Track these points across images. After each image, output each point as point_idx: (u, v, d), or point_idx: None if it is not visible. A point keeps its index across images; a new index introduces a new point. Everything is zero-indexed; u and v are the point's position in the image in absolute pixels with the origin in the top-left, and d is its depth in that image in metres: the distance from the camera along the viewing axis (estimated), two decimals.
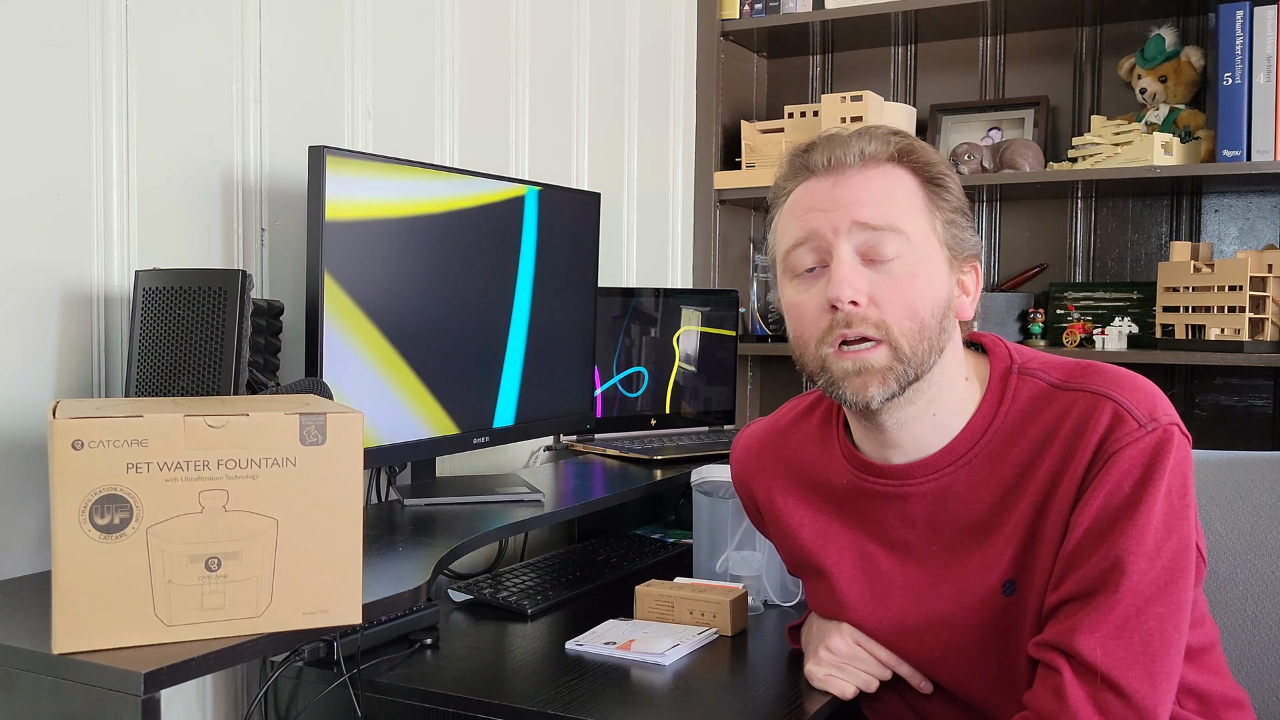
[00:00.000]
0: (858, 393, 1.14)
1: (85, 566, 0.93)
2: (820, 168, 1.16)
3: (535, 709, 1.23)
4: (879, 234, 1.12)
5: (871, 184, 1.14)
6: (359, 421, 1.02)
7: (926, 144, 1.21)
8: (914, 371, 1.13)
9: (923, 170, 1.17)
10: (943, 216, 1.16)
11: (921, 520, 1.20)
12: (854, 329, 1.12)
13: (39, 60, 1.30)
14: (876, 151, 1.16)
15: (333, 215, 1.43)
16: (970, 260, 1.19)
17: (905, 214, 1.14)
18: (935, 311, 1.14)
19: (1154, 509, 1.08)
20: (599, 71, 2.36)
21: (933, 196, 1.16)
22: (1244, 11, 2.17)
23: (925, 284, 1.13)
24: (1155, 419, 1.10)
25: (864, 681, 1.25)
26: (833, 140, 1.17)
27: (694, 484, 1.71)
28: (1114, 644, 1.05)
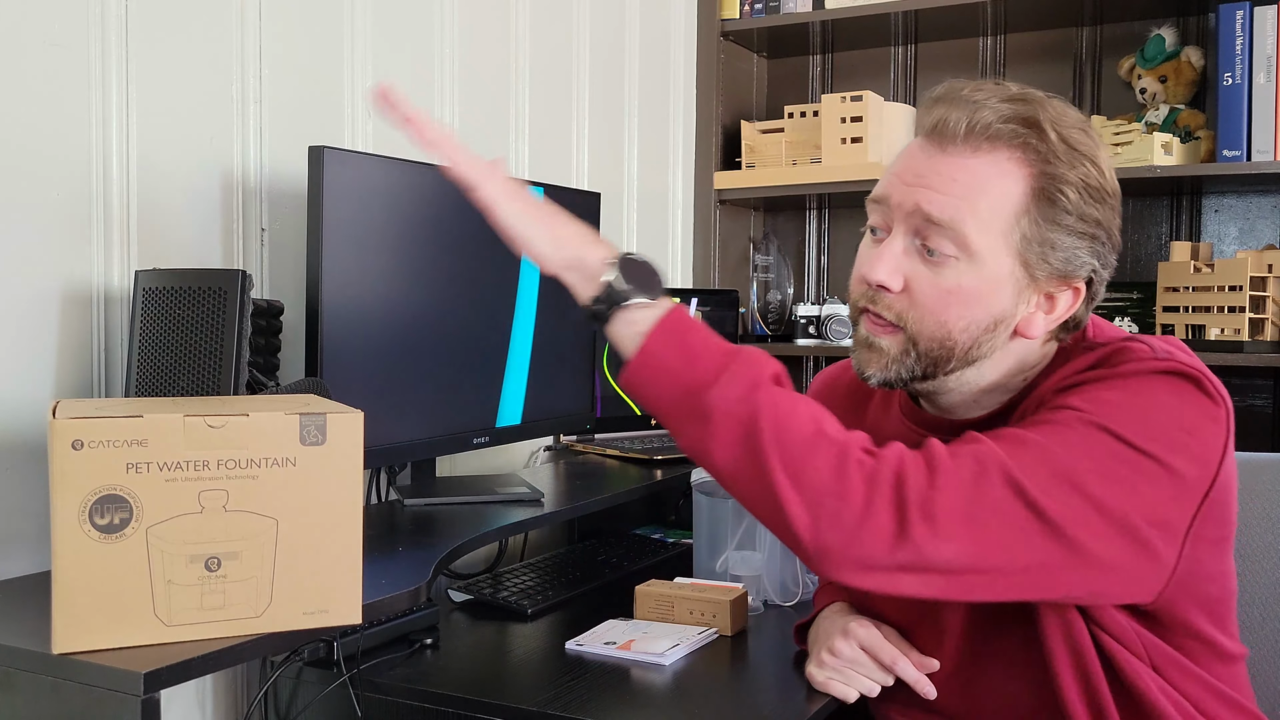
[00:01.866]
0: (860, 364, 1.13)
1: (85, 566, 0.93)
2: (929, 129, 1.09)
3: (535, 709, 1.23)
4: (940, 232, 1.05)
5: (961, 173, 1.05)
6: (359, 421, 1.02)
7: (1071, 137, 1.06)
8: (923, 371, 1.10)
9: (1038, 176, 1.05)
10: (1033, 231, 1.05)
11: None
12: (878, 308, 1.10)
13: (39, 60, 1.30)
14: (990, 131, 1.05)
15: (332, 215, 1.43)
16: (1068, 280, 1.08)
17: (981, 218, 1.05)
18: (970, 327, 1.07)
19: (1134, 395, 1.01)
20: (599, 71, 2.36)
21: (1032, 206, 1.05)
22: (1244, 11, 2.17)
23: (968, 298, 1.06)
24: (1170, 354, 1.05)
25: (866, 686, 1.25)
26: (958, 99, 1.07)
27: (694, 484, 1.71)
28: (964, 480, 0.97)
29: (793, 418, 0.98)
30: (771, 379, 1.00)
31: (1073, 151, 1.07)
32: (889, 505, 0.95)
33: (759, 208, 2.89)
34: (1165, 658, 1.11)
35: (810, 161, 2.59)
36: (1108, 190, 1.09)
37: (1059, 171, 1.06)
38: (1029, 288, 1.08)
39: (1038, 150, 1.06)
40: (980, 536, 0.96)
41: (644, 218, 2.55)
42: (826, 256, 2.88)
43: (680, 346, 1.01)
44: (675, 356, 1.01)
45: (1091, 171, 1.08)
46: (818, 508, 0.95)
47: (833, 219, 2.87)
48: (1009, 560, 0.97)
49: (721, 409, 0.98)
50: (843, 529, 0.95)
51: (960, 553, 0.95)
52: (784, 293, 2.82)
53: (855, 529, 0.95)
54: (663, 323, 1.02)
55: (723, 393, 0.98)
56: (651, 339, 1.02)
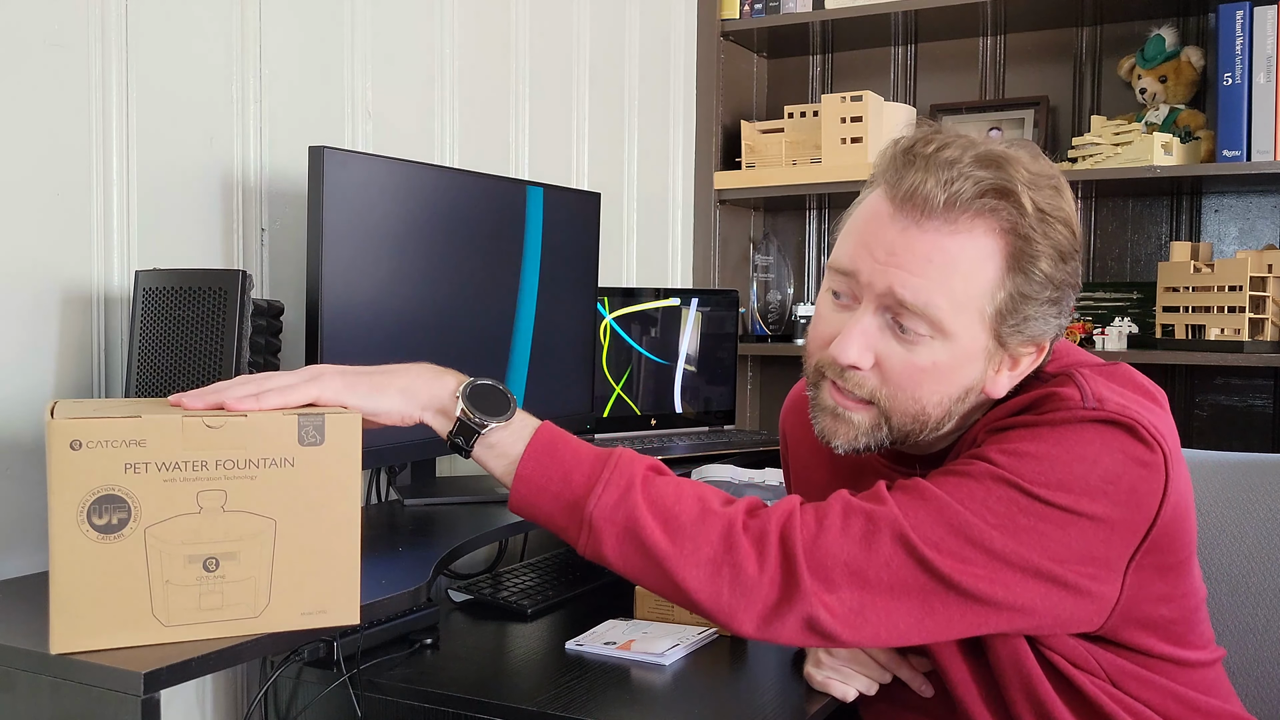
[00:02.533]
0: (825, 432, 1.12)
1: (83, 567, 0.93)
2: (900, 196, 1.04)
3: (535, 709, 1.23)
4: (912, 317, 1.04)
5: (936, 253, 1.02)
6: (357, 422, 1.02)
7: (1043, 202, 1.03)
8: (892, 440, 1.10)
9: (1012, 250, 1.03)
10: (1006, 304, 1.04)
11: None
12: (846, 384, 1.08)
13: (39, 60, 1.30)
14: (967, 205, 1.02)
15: (332, 215, 1.43)
16: (1034, 343, 1.08)
17: (955, 298, 1.03)
18: (943, 400, 1.07)
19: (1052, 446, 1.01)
20: (599, 71, 2.36)
21: (1006, 279, 1.04)
22: (1244, 11, 2.17)
23: (941, 373, 1.05)
24: (1101, 402, 1.03)
25: (864, 685, 1.25)
26: (932, 162, 1.03)
27: None
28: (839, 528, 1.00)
29: (677, 504, 1.02)
30: (645, 476, 1.04)
31: (1046, 219, 1.04)
32: (776, 559, 0.99)
33: (759, 208, 2.89)
34: (1121, 671, 1.12)
35: (810, 161, 2.59)
36: (1075, 248, 1.08)
37: (1034, 242, 1.04)
38: (998, 354, 1.08)
39: (1013, 222, 1.03)
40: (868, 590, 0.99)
41: (644, 218, 2.55)
42: (826, 256, 2.88)
43: (551, 465, 1.05)
44: (549, 476, 1.05)
45: (1063, 235, 1.06)
46: (715, 579, 1.00)
47: (833, 219, 2.87)
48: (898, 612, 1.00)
49: (601, 516, 1.03)
50: (740, 588, 1.00)
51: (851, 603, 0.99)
52: (784, 293, 2.82)
53: (751, 586, 1.00)
54: (531, 446, 1.06)
55: (600, 501, 1.03)
56: (523, 464, 1.06)
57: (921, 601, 1.00)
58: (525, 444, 1.06)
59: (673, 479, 1.06)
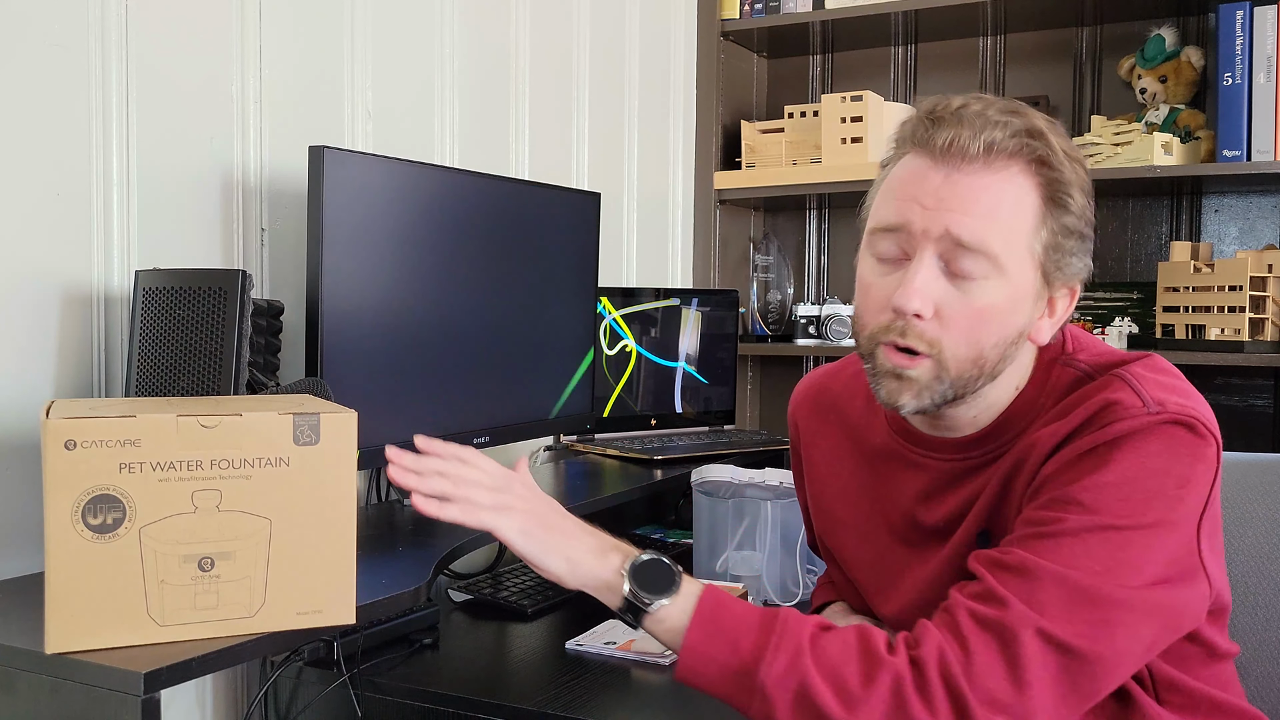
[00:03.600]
0: (890, 396, 1.11)
1: (78, 566, 0.93)
2: (939, 149, 1.06)
3: (535, 709, 1.23)
4: (970, 255, 1.05)
5: (983, 193, 1.05)
6: (353, 421, 1.02)
7: (1065, 145, 1.09)
8: (955, 393, 1.10)
9: (1049, 184, 1.07)
10: (1051, 240, 1.08)
11: (936, 494, 1.18)
12: (907, 339, 1.08)
13: (39, 60, 1.30)
14: (1003, 147, 1.06)
15: (332, 215, 1.43)
16: (1069, 283, 1.11)
17: (1007, 235, 1.05)
18: (1000, 343, 1.08)
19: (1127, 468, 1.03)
20: (599, 71, 2.36)
21: (1047, 215, 1.07)
22: (1244, 11, 2.17)
23: (999, 315, 1.07)
24: (1162, 404, 1.05)
25: None
26: (962, 115, 1.07)
27: (694, 484, 1.71)
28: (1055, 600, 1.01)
29: (845, 665, 1.01)
30: (812, 637, 1.03)
31: (1070, 157, 1.09)
32: (946, 707, 0.99)
33: (759, 208, 2.89)
34: (1166, 679, 1.14)
35: (810, 161, 2.59)
36: (1091, 191, 1.12)
37: (1065, 177, 1.07)
38: (1042, 295, 1.10)
39: (1045, 160, 1.07)
40: (1032, 693, 1.00)
41: (644, 218, 2.55)
42: (826, 256, 2.88)
43: (718, 635, 1.04)
44: (717, 647, 1.04)
45: (1085, 174, 1.10)
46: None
47: (833, 219, 2.87)
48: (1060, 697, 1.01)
49: (772, 683, 1.01)
50: None
51: (1019, 713, 1.00)
52: (784, 293, 2.82)
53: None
54: (696, 617, 1.05)
55: (770, 669, 1.01)
56: (690, 635, 1.05)
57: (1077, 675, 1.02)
58: (690, 615, 1.05)
59: (838, 634, 1.04)
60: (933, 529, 1.18)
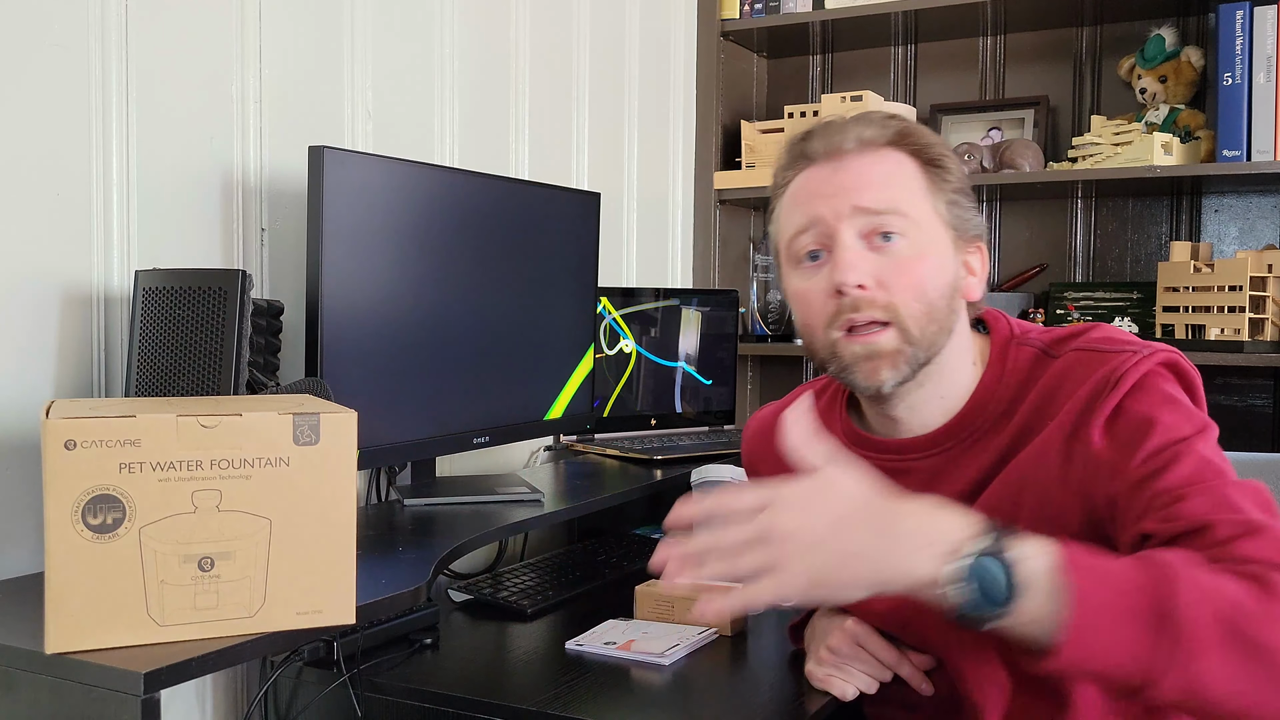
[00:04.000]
0: (869, 377, 1.13)
1: (78, 566, 0.93)
2: (819, 155, 1.17)
3: (535, 709, 1.23)
4: (882, 217, 1.12)
5: (872, 168, 1.15)
6: (352, 421, 1.02)
7: (924, 127, 1.21)
8: (924, 353, 1.13)
9: (922, 152, 1.17)
10: (945, 198, 1.16)
11: (920, 495, 1.18)
12: (862, 313, 1.11)
13: (39, 60, 1.30)
14: (874, 136, 1.16)
15: (332, 215, 1.43)
16: (975, 240, 1.20)
17: (907, 196, 1.14)
18: (943, 292, 1.14)
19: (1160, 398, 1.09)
20: (599, 71, 2.36)
21: (933, 178, 1.16)
22: (1244, 11, 2.17)
23: (932, 265, 1.14)
24: (1145, 347, 1.12)
25: (864, 683, 1.25)
26: (830, 127, 1.17)
27: (694, 484, 1.71)
28: None
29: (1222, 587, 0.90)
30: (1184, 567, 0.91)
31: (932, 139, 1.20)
32: None
33: (759, 208, 2.89)
34: None
35: None
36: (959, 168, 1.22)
37: (935, 149, 1.18)
38: (958, 249, 1.17)
39: (913, 138, 1.17)
40: None
41: (644, 218, 2.55)
42: None
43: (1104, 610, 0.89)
44: (1108, 622, 0.89)
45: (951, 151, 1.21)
46: None
47: None
48: None
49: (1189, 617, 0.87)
50: None
51: None
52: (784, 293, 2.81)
53: None
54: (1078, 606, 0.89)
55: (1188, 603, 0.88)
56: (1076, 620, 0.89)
57: None
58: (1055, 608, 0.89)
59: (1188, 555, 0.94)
60: None
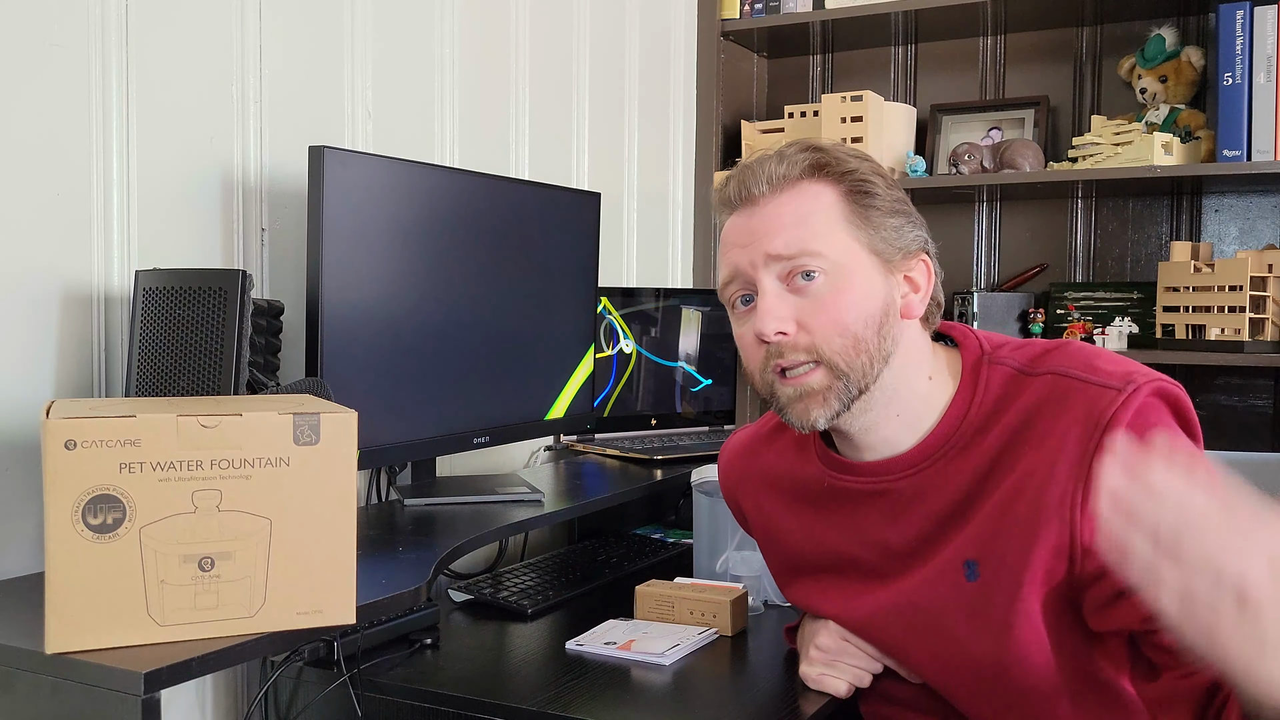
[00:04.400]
0: (801, 417, 1.15)
1: (78, 566, 0.93)
2: (735, 201, 1.17)
3: (535, 709, 1.23)
4: (795, 261, 1.12)
5: (783, 210, 1.14)
6: (352, 421, 1.02)
7: (848, 151, 1.19)
8: (855, 386, 1.13)
9: (841, 180, 1.15)
10: (868, 224, 1.15)
11: (901, 514, 1.19)
12: (786, 358, 1.13)
13: (39, 60, 1.30)
14: (786, 172, 1.15)
15: (332, 215, 1.43)
16: (914, 255, 1.17)
17: (821, 233, 1.13)
18: (869, 322, 1.13)
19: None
20: (599, 71, 2.36)
21: (855, 204, 1.15)
22: (1244, 11, 2.17)
23: (854, 297, 1.13)
24: (1131, 380, 1.09)
25: (855, 676, 1.25)
26: (745, 171, 1.17)
27: (694, 484, 1.71)
28: None
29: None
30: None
31: (855, 156, 1.18)
32: None
33: None
34: None
35: None
36: (892, 184, 1.19)
37: (856, 175, 1.16)
38: (890, 272, 1.16)
39: (831, 167, 1.16)
40: None
41: (644, 218, 2.55)
42: None
43: None
44: None
45: (877, 165, 1.19)
46: None
47: None
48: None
49: None
50: None
51: None
52: None
53: None
54: None
55: None
56: None
57: None
58: None
59: None
60: (904, 551, 1.19)
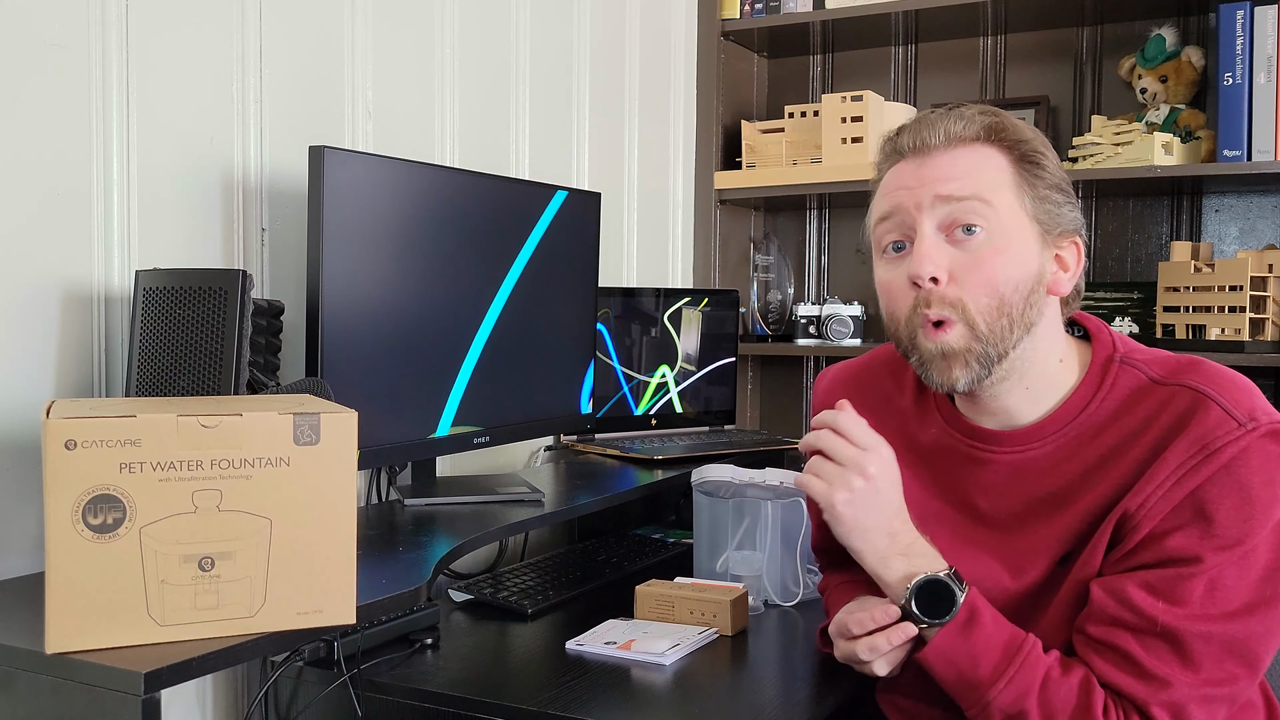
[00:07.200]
0: (943, 375, 1.17)
1: (78, 566, 0.93)
2: (907, 149, 1.18)
3: (535, 709, 1.23)
4: (963, 205, 1.14)
5: (958, 161, 1.16)
6: (353, 421, 1.02)
7: (1021, 121, 1.20)
8: (995, 350, 1.15)
9: (1014, 147, 1.17)
10: (1034, 193, 1.16)
11: (996, 488, 1.21)
12: (933, 309, 1.15)
13: (39, 60, 1.30)
14: (963, 131, 1.16)
15: (332, 215, 1.43)
16: (1068, 235, 1.18)
17: (991, 188, 1.15)
18: (1020, 288, 1.14)
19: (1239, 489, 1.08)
20: (599, 71, 2.36)
21: (1024, 173, 1.16)
22: (1244, 11, 2.17)
23: (1010, 259, 1.14)
24: (1255, 418, 1.09)
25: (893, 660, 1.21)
26: (920, 122, 1.19)
27: (694, 484, 1.71)
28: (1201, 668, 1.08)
29: (1066, 715, 1.10)
30: (1044, 679, 1.11)
31: (1030, 129, 1.20)
32: None
33: (759, 208, 2.89)
34: None
35: (810, 161, 2.59)
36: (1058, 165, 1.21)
37: (1030, 145, 1.18)
38: (1046, 245, 1.17)
39: (1006, 136, 1.17)
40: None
41: (644, 218, 2.55)
42: (827, 256, 2.88)
43: (963, 645, 1.13)
44: (960, 655, 1.14)
45: (1047, 141, 1.21)
46: None
47: (833, 219, 2.87)
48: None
49: (996, 709, 1.11)
50: None
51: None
52: (784, 293, 2.82)
53: None
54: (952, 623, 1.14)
55: (999, 696, 1.11)
56: (940, 637, 1.15)
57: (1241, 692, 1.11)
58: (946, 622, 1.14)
59: (1066, 681, 1.11)
60: (993, 520, 1.21)
